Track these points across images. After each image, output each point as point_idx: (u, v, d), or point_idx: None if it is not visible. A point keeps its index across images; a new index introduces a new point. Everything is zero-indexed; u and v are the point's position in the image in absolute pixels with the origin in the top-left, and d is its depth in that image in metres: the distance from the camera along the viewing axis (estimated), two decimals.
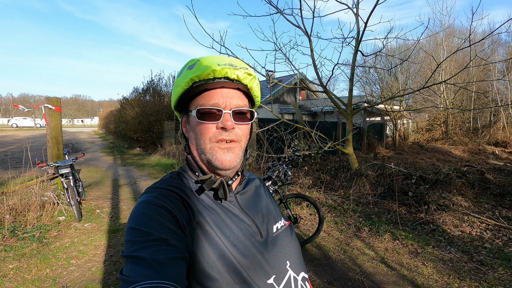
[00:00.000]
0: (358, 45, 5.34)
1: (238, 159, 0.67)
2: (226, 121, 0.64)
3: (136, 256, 0.48)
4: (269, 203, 0.79)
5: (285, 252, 0.70)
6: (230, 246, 0.61)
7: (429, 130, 14.86)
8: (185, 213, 0.60)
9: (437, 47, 16.75)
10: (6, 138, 20.18)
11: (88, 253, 3.18)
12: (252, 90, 0.71)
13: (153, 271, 0.46)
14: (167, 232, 0.53)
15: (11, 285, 2.54)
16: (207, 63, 0.64)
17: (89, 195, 5.41)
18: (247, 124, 0.69)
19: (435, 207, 4.31)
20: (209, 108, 0.64)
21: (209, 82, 0.64)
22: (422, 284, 2.64)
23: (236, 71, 0.65)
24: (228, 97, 0.66)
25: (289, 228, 0.77)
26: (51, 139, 4.66)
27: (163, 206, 0.57)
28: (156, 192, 0.61)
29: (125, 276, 0.46)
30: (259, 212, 0.73)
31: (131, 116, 12.89)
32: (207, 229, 0.61)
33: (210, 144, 0.65)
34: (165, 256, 0.49)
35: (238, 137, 0.67)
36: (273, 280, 0.63)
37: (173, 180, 0.68)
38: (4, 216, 3.62)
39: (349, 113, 5.60)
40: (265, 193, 0.82)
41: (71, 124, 73.96)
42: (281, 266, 0.66)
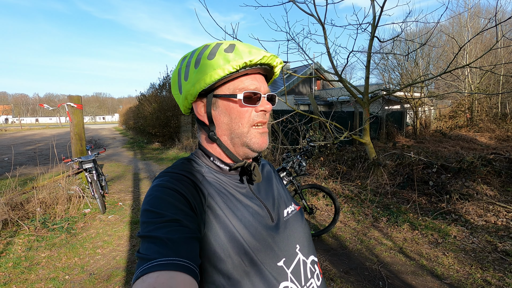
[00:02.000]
0: (374, 31, 5.16)
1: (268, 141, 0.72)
2: (266, 104, 0.68)
3: (151, 236, 0.51)
4: (279, 187, 0.80)
5: (295, 236, 0.71)
6: (241, 229, 0.62)
7: (453, 117, 14.20)
8: (197, 196, 0.62)
9: (460, 29, 15.85)
10: (35, 136, 21.32)
11: (112, 243, 3.35)
12: (276, 76, 0.76)
13: (168, 249, 0.48)
14: (179, 213, 0.55)
15: (44, 272, 2.73)
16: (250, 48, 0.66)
17: (112, 189, 5.65)
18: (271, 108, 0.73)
19: (457, 197, 4.16)
20: (251, 91, 0.67)
21: (253, 67, 0.66)
22: (442, 274, 2.58)
23: (276, 59, 0.69)
24: (262, 82, 0.70)
25: (299, 213, 0.78)
26: (74, 136, 4.88)
27: (175, 189, 0.59)
28: (168, 176, 0.63)
29: (142, 254, 0.48)
30: (270, 196, 0.74)
31: (149, 112, 13.21)
32: (218, 212, 0.62)
33: (248, 128, 0.68)
34: (179, 236, 0.51)
35: (267, 120, 0.72)
36: (283, 262, 0.64)
37: (184, 165, 0.69)
38: (35, 208, 3.87)
39: (366, 101, 5.46)
40: (275, 178, 0.83)
41: (93, 122, 76.67)
42: (291, 250, 0.68)
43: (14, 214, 3.66)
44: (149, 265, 0.46)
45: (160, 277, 0.44)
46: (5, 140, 17.80)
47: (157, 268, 0.45)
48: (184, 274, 0.46)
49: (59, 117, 41.54)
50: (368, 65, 5.48)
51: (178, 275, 0.45)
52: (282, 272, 0.63)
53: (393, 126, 11.69)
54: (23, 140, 17.77)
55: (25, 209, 3.87)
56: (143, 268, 0.46)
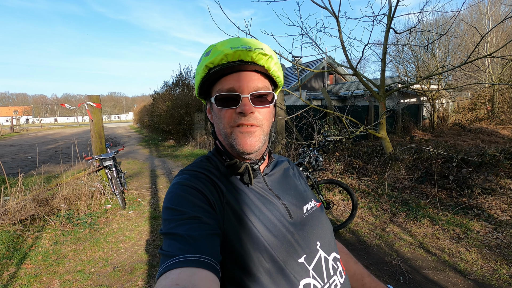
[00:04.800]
0: (390, 22, 5.03)
1: (261, 143, 0.66)
2: (243, 105, 0.63)
3: (173, 233, 0.52)
4: (298, 184, 0.79)
5: (316, 233, 0.70)
6: (260, 226, 0.62)
7: (472, 110, 13.70)
8: (215, 193, 0.63)
9: (480, 18, 15.21)
10: (55, 135, 22.09)
11: (134, 237, 3.45)
12: (270, 70, 0.67)
13: (189, 246, 0.49)
14: (199, 211, 0.56)
15: (71, 265, 2.85)
16: (221, 48, 0.63)
17: (131, 185, 5.80)
18: (267, 107, 0.67)
19: (479, 191, 4.04)
20: (225, 93, 0.64)
21: (225, 67, 0.63)
22: (465, 270, 2.53)
23: (250, 53, 0.62)
24: (245, 80, 0.64)
25: (320, 209, 0.77)
26: (94, 134, 5.03)
27: (194, 187, 0.61)
28: (188, 174, 0.65)
29: (165, 251, 0.50)
30: (288, 193, 0.73)
31: (163, 110, 13.42)
32: (236, 209, 0.63)
33: (230, 129, 0.66)
34: (199, 233, 0.52)
35: (259, 121, 0.66)
36: (304, 259, 0.63)
37: (203, 163, 0.70)
38: (60, 204, 4.03)
39: (382, 95, 5.36)
40: (295, 175, 0.82)
41: (109, 120, 78.49)
42: (312, 246, 0.66)
43: (40, 209, 3.82)
44: (172, 262, 0.47)
45: (182, 273, 0.45)
46: (27, 139, 18.53)
47: (179, 264, 0.47)
48: (205, 270, 0.47)
49: (76, 117, 42.87)
50: (384, 57, 5.37)
51: (200, 272, 0.46)
52: (303, 269, 0.62)
53: (410, 120, 11.41)
54: (44, 139, 18.45)
55: (51, 205, 4.04)
56: (166, 264, 0.47)
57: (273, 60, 0.67)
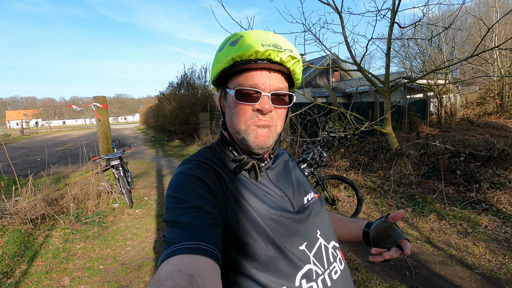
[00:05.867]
0: (394, 17, 4.98)
1: (272, 140, 0.67)
2: (264, 103, 0.63)
3: (176, 221, 0.53)
4: (299, 176, 0.81)
5: (316, 222, 0.71)
6: (262, 215, 0.63)
7: (481, 104, 13.45)
8: (218, 183, 0.64)
9: (488, 10, 14.92)
10: (63, 137, 22.46)
11: (141, 235, 3.51)
12: (295, 73, 0.68)
13: (191, 233, 0.50)
14: (202, 200, 0.57)
15: (80, 262, 2.91)
16: (251, 42, 0.62)
17: (137, 185, 5.88)
18: (284, 108, 0.68)
19: (487, 186, 3.98)
20: (248, 89, 0.63)
21: (252, 63, 0.62)
22: (473, 264, 2.50)
23: (280, 54, 0.62)
24: (268, 79, 0.64)
25: (319, 200, 0.78)
26: (101, 135, 5.11)
27: (197, 176, 0.61)
28: (191, 164, 0.66)
29: (168, 238, 0.51)
30: (290, 185, 0.75)
31: (169, 110, 13.52)
32: (239, 199, 0.64)
33: (245, 126, 0.66)
34: (201, 221, 0.53)
35: (274, 121, 0.66)
36: (305, 246, 0.65)
37: (207, 154, 0.71)
38: (69, 204, 4.11)
39: (387, 90, 5.31)
40: (294, 167, 0.84)
41: (115, 122, 79.33)
42: (312, 235, 0.68)
43: (50, 209, 3.90)
44: (174, 248, 0.48)
45: (184, 260, 0.46)
46: (37, 142, 18.89)
47: (181, 251, 0.47)
48: (206, 258, 0.48)
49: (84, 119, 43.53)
50: (388, 52, 5.32)
51: (201, 259, 0.47)
52: (304, 256, 0.64)
53: (416, 115, 11.27)
54: (53, 141, 18.78)
55: (60, 204, 4.12)
56: (168, 251, 0.48)
57: (299, 64, 0.67)
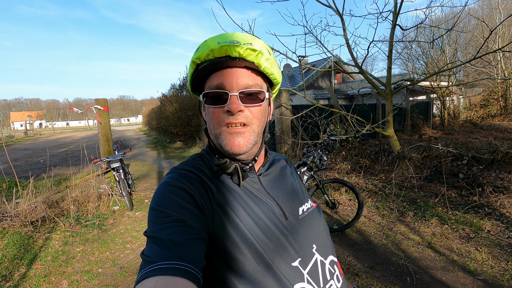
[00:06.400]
0: (396, 19, 4.96)
1: (250, 144, 0.63)
2: (231, 104, 0.60)
3: (155, 237, 0.50)
4: (295, 184, 0.76)
5: (311, 235, 0.67)
6: (251, 227, 0.60)
7: (484, 106, 13.35)
8: (204, 194, 0.61)
9: (491, 12, 14.84)
10: (66, 139, 22.59)
11: (141, 238, 3.49)
12: (261, 67, 0.62)
13: (170, 251, 0.47)
14: (185, 213, 0.54)
15: (79, 265, 2.91)
16: (208, 42, 0.61)
17: (138, 187, 5.88)
18: (258, 106, 0.64)
19: (490, 189, 3.93)
20: (213, 91, 0.62)
21: (213, 63, 0.60)
22: (475, 270, 2.46)
23: (237, 48, 0.59)
24: (234, 77, 0.61)
25: (316, 210, 0.74)
26: (102, 137, 5.12)
27: (181, 187, 0.59)
28: (177, 174, 0.63)
29: (145, 256, 0.49)
30: (284, 193, 0.71)
31: (171, 112, 13.56)
32: (227, 210, 0.60)
33: (219, 129, 0.63)
34: (183, 238, 0.50)
35: (248, 120, 0.63)
36: (299, 263, 0.61)
37: (195, 162, 0.68)
38: (69, 206, 4.11)
39: (388, 92, 5.28)
40: (292, 174, 0.80)
41: (118, 124, 79.67)
42: (307, 250, 0.64)
43: (51, 211, 3.91)
44: (150, 269, 0.45)
45: (159, 282, 0.43)
46: (40, 143, 19.01)
47: (158, 272, 0.44)
48: (184, 279, 0.45)
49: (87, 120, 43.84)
50: (390, 54, 5.29)
51: (178, 280, 0.44)
52: (297, 273, 0.60)
53: (419, 118, 11.20)
54: (56, 143, 18.89)
55: (60, 206, 4.13)
56: (144, 271, 0.45)
57: (264, 56, 0.62)
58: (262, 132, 0.68)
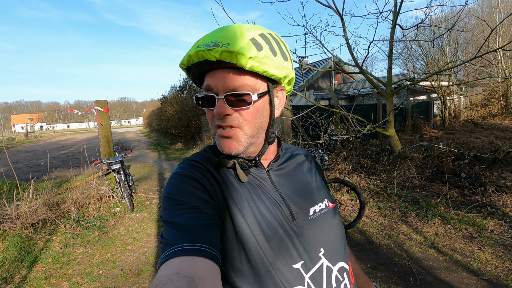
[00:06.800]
0: (396, 19, 4.95)
1: (242, 146, 0.61)
2: (217, 108, 0.58)
3: (173, 222, 0.52)
4: (311, 181, 0.72)
5: (320, 238, 0.64)
6: (253, 224, 0.59)
7: (485, 106, 13.32)
8: (214, 183, 0.62)
9: (491, 11, 14.83)
10: (67, 141, 22.61)
11: (141, 240, 3.48)
12: (246, 67, 0.55)
13: (189, 235, 0.49)
14: (198, 201, 0.56)
15: (80, 267, 2.89)
16: (192, 46, 0.60)
17: (139, 188, 5.87)
18: (245, 109, 0.60)
19: (493, 189, 3.91)
20: (201, 95, 0.61)
21: (198, 66, 0.59)
22: (479, 270, 2.44)
23: (212, 52, 0.54)
24: (221, 79, 0.58)
25: (331, 212, 0.70)
26: (102, 139, 5.12)
27: (192, 177, 0.60)
28: (187, 164, 0.64)
29: (165, 239, 0.50)
30: (295, 191, 0.68)
31: (171, 113, 13.57)
32: (232, 204, 0.60)
33: (214, 130, 0.64)
34: (199, 222, 0.52)
35: (238, 123, 0.60)
36: (301, 266, 0.59)
37: (206, 154, 0.69)
38: (70, 208, 4.10)
39: (389, 92, 5.27)
40: (310, 170, 0.75)
41: (119, 125, 79.71)
42: (313, 253, 0.61)
43: (51, 213, 3.90)
44: (173, 250, 0.47)
45: (183, 262, 0.45)
46: (41, 145, 19.03)
47: (180, 253, 0.47)
48: (206, 259, 0.47)
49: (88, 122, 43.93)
50: (390, 54, 5.28)
51: (200, 260, 0.46)
52: (297, 276, 0.58)
53: (420, 118, 11.18)
54: (57, 145, 18.91)
55: (61, 208, 4.11)
56: (167, 253, 0.47)
57: (245, 56, 0.54)
58: (259, 133, 0.64)
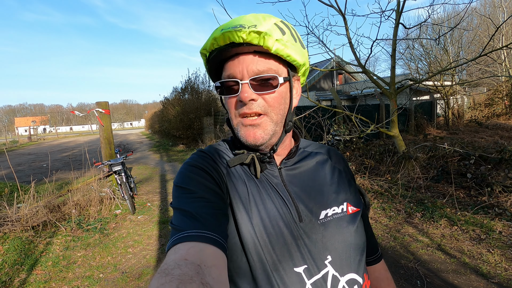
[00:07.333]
0: (399, 18, 4.90)
1: (267, 135, 0.59)
2: (242, 93, 0.57)
3: (183, 209, 0.53)
4: (330, 183, 0.66)
5: (328, 245, 0.59)
6: (257, 222, 0.57)
7: (489, 105, 13.19)
8: (222, 176, 0.62)
9: (494, 10, 14.72)
10: (70, 143, 22.68)
11: (143, 242, 3.44)
12: (271, 49, 0.56)
13: (198, 222, 0.50)
14: (207, 191, 0.56)
15: (80, 270, 2.85)
16: (214, 31, 0.58)
17: (140, 190, 5.83)
18: (271, 93, 0.59)
19: (500, 189, 3.83)
20: (224, 80, 0.60)
21: (220, 52, 0.58)
22: (488, 273, 2.37)
23: (239, 33, 0.54)
24: (244, 64, 0.57)
25: (348, 217, 0.63)
26: (104, 140, 5.09)
27: (201, 167, 0.60)
28: (196, 155, 0.65)
29: (175, 225, 0.51)
30: (306, 191, 0.63)
31: (173, 115, 13.56)
32: (237, 199, 0.60)
33: (236, 119, 0.61)
34: (207, 211, 0.52)
35: (264, 109, 0.58)
36: (303, 270, 0.55)
37: (219, 146, 0.69)
38: (71, 210, 4.07)
39: (392, 92, 5.20)
40: (333, 170, 0.69)
41: (121, 128, 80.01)
42: (318, 259, 0.57)
43: (52, 216, 3.87)
44: (181, 236, 0.48)
45: (191, 249, 0.45)
46: (44, 148, 19.09)
47: (189, 239, 0.47)
48: (213, 246, 0.47)
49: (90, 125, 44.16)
50: (393, 54, 5.22)
51: (208, 248, 0.46)
52: (297, 280, 0.54)
53: (423, 118, 11.09)
54: (59, 147, 18.96)
55: (62, 211, 4.08)
56: (176, 237, 0.48)
57: (272, 37, 0.55)
58: (282, 121, 0.63)
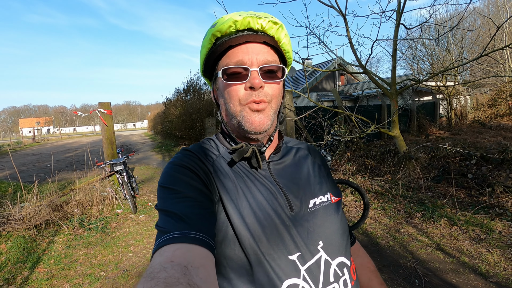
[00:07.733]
0: (399, 18, 4.90)
1: (270, 121, 0.62)
2: (253, 79, 0.59)
3: (168, 211, 0.52)
4: (313, 175, 0.70)
5: (320, 231, 0.62)
6: (249, 214, 0.58)
7: (492, 106, 13.11)
8: (208, 173, 0.62)
9: (497, 11, 14.66)
10: (73, 144, 22.85)
11: (143, 241, 3.47)
12: (281, 42, 0.64)
13: (184, 223, 0.49)
14: (193, 190, 0.56)
15: (81, 268, 2.89)
16: (228, 16, 0.61)
17: (142, 190, 5.87)
18: (277, 83, 0.63)
19: (501, 190, 3.82)
20: (234, 66, 0.60)
21: (232, 37, 0.60)
22: (487, 272, 2.37)
23: (259, 20, 0.59)
24: (254, 52, 0.60)
25: (333, 206, 0.67)
26: (106, 140, 5.14)
27: (187, 167, 0.60)
28: (181, 154, 0.65)
29: (160, 227, 0.51)
30: (294, 183, 0.66)
31: (175, 116, 13.63)
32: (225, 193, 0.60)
33: (240, 106, 0.61)
34: (193, 211, 0.52)
35: (268, 98, 0.62)
36: (297, 257, 0.57)
37: (204, 144, 0.69)
38: (73, 210, 4.11)
39: (394, 92, 5.20)
40: (313, 164, 0.73)
41: (124, 128, 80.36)
42: (310, 246, 0.59)
43: (54, 215, 3.91)
44: (167, 238, 0.47)
45: (177, 251, 0.45)
46: (48, 148, 19.25)
47: (174, 240, 0.46)
48: (200, 247, 0.47)
49: (93, 126, 44.47)
50: (394, 54, 5.23)
51: (195, 248, 0.46)
52: (292, 267, 0.56)
53: (425, 118, 11.05)
54: (63, 148, 19.11)
55: (64, 210, 4.13)
56: (161, 240, 0.47)
57: (283, 31, 0.63)
58: (277, 112, 0.67)
